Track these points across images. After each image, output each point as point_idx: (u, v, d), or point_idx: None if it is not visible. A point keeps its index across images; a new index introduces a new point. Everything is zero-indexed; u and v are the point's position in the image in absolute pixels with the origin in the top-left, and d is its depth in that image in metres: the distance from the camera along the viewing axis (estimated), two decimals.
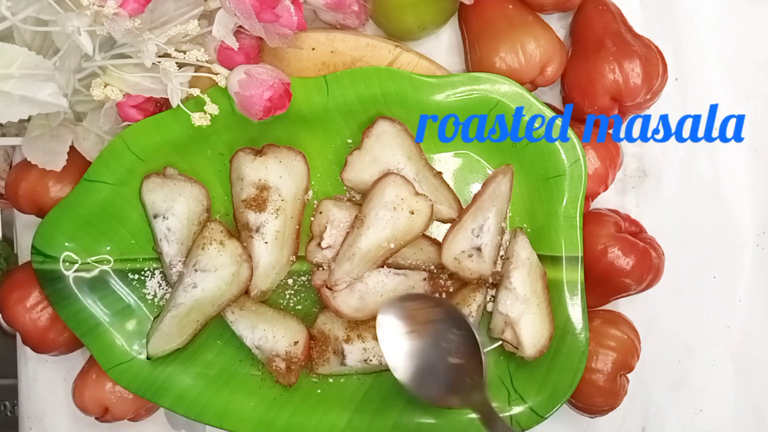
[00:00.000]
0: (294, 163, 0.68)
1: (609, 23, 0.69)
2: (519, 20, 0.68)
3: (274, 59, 0.68)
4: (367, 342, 0.67)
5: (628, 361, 0.69)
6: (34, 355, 0.73)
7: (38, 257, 0.68)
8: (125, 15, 0.56)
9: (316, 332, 0.68)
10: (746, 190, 0.75)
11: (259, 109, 0.62)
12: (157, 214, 0.68)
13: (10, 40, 0.61)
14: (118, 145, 0.66)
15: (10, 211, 0.78)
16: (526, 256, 0.66)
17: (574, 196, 0.66)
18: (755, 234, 0.75)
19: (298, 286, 0.70)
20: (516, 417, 0.66)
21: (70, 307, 0.68)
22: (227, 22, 0.61)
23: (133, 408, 0.71)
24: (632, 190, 0.75)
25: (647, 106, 0.69)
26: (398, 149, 0.67)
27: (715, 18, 0.74)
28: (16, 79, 0.57)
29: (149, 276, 0.70)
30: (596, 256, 0.67)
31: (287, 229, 0.68)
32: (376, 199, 0.66)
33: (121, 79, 0.62)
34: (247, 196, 0.68)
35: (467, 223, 0.67)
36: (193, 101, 0.63)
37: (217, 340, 0.70)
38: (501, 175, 0.68)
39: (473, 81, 0.66)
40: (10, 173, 0.70)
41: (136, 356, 0.68)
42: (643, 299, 0.73)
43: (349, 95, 0.66)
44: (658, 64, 0.68)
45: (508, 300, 0.66)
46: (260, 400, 0.69)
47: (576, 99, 0.69)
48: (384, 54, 0.68)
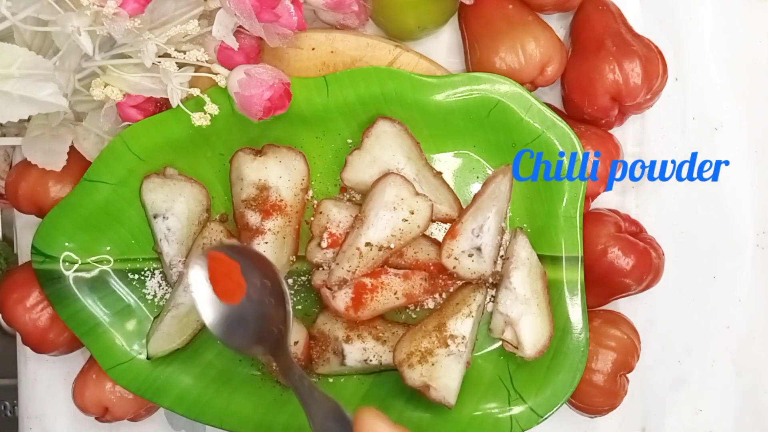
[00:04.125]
0: (294, 163, 0.68)
1: (609, 23, 0.69)
2: (519, 20, 0.68)
3: (274, 59, 0.68)
4: (367, 342, 0.67)
5: (628, 361, 0.69)
6: (34, 355, 0.73)
7: (38, 257, 0.68)
8: (125, 15, 0.56)
9: (316, 332, 0.68)
10: (746, 190, 0.75)
11: (259, 109, 0.62)
12: (157, 214, 0.68)
13: (10, 40, 0.61)
14: (118, 145, 0.66)
15: (10, 211, 0.78)
16: (526, 256, 0.66)
17: (574, 196, 0.66)
18: (755, 234, 0.75)
19: (298, 286, 0.70)
20: (516, 417, 0.66)
21: (70, 307, 0.68)
22: (227, 22, 0.61)
23: (133, 408, 0.71)
24: (632, 190, 0.75)
25: (647, 106, 0.70)
26: (398, 149, 0.67)
27: (715, 18, 0.74)
28: (16, 79, 0.57)
29: (149, 276, 0.70)
30: (596, 256, 0.67)
31: (287, 229, 0.68)
32: (376, 199, 0.66)
33: (121, 79, 0.62)
34: (247, 196, 0.68)
35: (467, 223, 0.67)
36: (193, 101, 0.63)
37: (217, 340, 0.70)
38: (501, 175, 0.68)
39: (473, 81, 0.66)
40: (10, 173, 0.70)
41: (136, 356, 0.68)
42: (643, 299, 0.73)
43: (349, 95, 0.66)
44: (658, 64, 0.68)
45: (508, 300, 0.66)
46: (260, 401, 0.69)
47: (576, 99, 0.69)
48: (384, 54, 0.68)
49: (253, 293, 0.61)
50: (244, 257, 0.62)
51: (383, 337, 0.68)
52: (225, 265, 0.61)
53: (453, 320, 0.66)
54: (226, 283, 0.61)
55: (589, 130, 0.69)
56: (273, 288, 0.61)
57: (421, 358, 0.65)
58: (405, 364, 0.66)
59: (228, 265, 0.61)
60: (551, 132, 0.66)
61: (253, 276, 0.61)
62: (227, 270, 0.61)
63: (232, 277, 0.61)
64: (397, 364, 0.66)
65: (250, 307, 0.61)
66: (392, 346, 0.67)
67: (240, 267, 0.61)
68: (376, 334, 0.68)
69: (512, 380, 0.67)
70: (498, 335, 0.67)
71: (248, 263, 0.62)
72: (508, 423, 0.66)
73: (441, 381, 0.65)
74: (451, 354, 0.65)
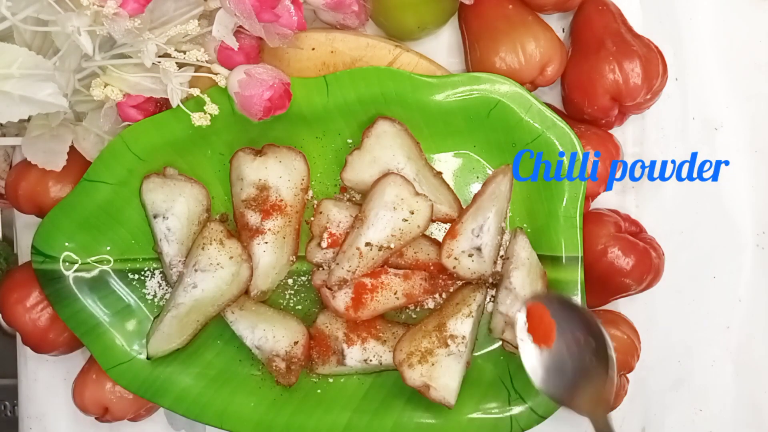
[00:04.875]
0: (294, 163, 0.68)
1: (609, 23, 0.69)
2: (519, 20, 0.68)
3: (274, 59, 0.68)
4: (367, 342, 0.67)
5: (628, 361, 0.69)
6: (34, 355, 0.73)
7: (38, 257, 0.68)
8: (125, 15, 0.56)
9: (316, 332, 0.68)
10: (746, 190, 0.75)
11: (259, 109, 0.62)
12: (157, 214, 0.68)
13: (10, 40, 0.61)
14: (118, 145, 0.66)
15: (10, 211, 0.78)
16: (526, 256, 0.66)
17: (574, 196, 0.66)
18: (755, 234, 0.75)
19: (298, 286, 0.70)
20: (516, 417, 0.66)
21: (70, 307, 0.68)
22: (227, 22, 0.61)
23: (133, 408, 0.71)
24: (632, 190, 0.75)
25: (647, 106, 0.70)
26: (398, 149, 0.67)
27: (715, 18, 0.74)
28: (16, 79, 0.57)
29: (149, 276, 0.70)
30: (596, 256, 0.67)
31: (287, 229, 0.68)
32: (376, 199, 0.66)
33: (121, 79, 0.62)
34: (247, 196, 0.68)
35: (467, 223, 0.67)
36: (193, 101, 0.63)
37: (217, 340, 0.70)
38: (501, 175, 0.68)
39: (473, 81, 0.66)
40: (10, 173, 0.70)
41: (136, 356, 0.68)
42: (643, 299, 0.73)
43: (349, 95, 0.66)
44: (658, 64, 0.68)
45: (508, 300, 0.66)
46: (260, 400, 0.69)
47: (576, 99, 0.69)
48: (384, 54, 0.68)
49: (573, 345, 0.61)
50: (566, 309, 0.63)
51: (383, 337, 0.68)
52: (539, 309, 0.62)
53: (453, 320, 0.66)
54: (540, 326, 0.62)
55: (589, 130, 0.69)
56: (598, 348, 0.60)
57: (421, 358, 0.65)
58: (405, 364, 0.66)
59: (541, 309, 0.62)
60: (551, 132, 0.66)
61: (575, 329, 0.61)
62: (540, 313, 0.62)
63: (543, 319, 0.62)
64: (397, 364, 0.66)
65: (569, 356, 0.61)
66: (392, 346, 0.67)
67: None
68: (376, 334, 0.68)
69: (512, 380, 0.67)
70: (498, 335, 0.67)
71: (571, 316, 0.62)
72: (508, 423, 0.66)
73: (441, 381, 0.65)
74: (451, 354, 0.65)
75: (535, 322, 0.62)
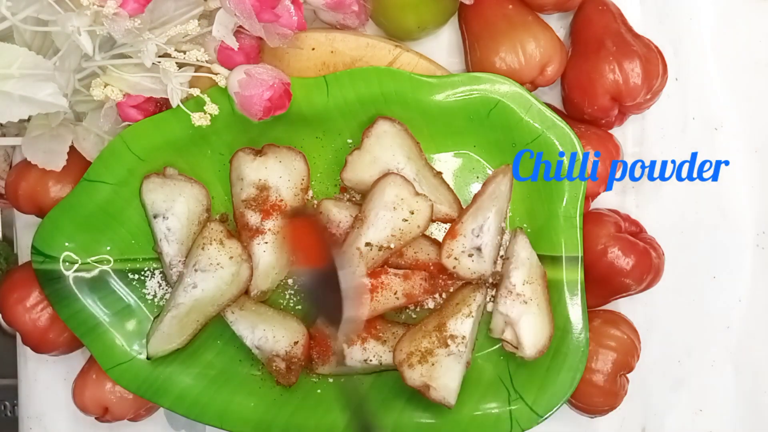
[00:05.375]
0: (294, 163, 0.68)
1: (609, 23, 0.69)
2: (519, 20, 0.68)
3: (274, 59, 0.68)
4: (367, 342, 0.67)
5: (628, 361, 0.69)
6: (34, 355, 0.73)
7: (38, 257, 0.68)
8: (125, 15, 0.56)
9: (316, 332, 0.68)
10: (746, 190, 0.75)
11: (259, 109, 0.62)
12: (157, 214, 0.68)
13: (10, 40, 0.61)
14: (118, 145, 0.66)
15: (10, 211, 0.78)
16: (526, 256, 0.66)
17: (574, 196, 0.66)
18: (755, 234, 0.75)
19: (298, 286, 0.70)
20: (516, 417, 0.66)
21: (70, 307, 0.68)
22: (227, 22, 0.61)
23: (133, 408, 0.71)
24: (632, 190, 0.75)
25: (647, 106, 0.70)
26: (398, 149, 0.67)
27: (715, 18, 0.74)
28: (16, 79, 0.57)
29: (149, 276, 0.70)
30: (596, 256, 0.67)
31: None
32: (376, 199, 0.66)
33: (121, 79, 0.62)
34: (247, 196, 0.68)
35: (467, 223, 0.67)
36: (193, 101, 0.63)
37: (217, 340, 0.70)
38: (501, 175, 0.68)
39: (473, 81, 0.66)
40: (10, 173, 0.70)
41: (136, 356, 0.68)
42: (643, 299, 0.73)
43: (349, 95, 0.66)
44: (658, 64, 0.68)
45: (508, 300, 0.66)
46: (260, 400, 0.69)
47: (576, 99, 0.69)
48: (384, 54, 0.68)
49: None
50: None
51: (383, 337, 0.68)
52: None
53: (453, 320, 0.66)
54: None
55: (589, 130, 0.69)
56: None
57: (421, 358, 0.65)
58: (405, 364, 0.66)
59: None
60: (551, 132, 0.66)
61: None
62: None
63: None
64: (397, 364, 0.66)
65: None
66: (392, 346, 0.67)
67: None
68: (376, 334, 0.68)
69: (512, 380, 0.67)
70: (498, 335, 0.67)
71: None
72: (508, 423, 0.66)
73: (441, 381, 0.65)
74: (451, 354, 0.65)
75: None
